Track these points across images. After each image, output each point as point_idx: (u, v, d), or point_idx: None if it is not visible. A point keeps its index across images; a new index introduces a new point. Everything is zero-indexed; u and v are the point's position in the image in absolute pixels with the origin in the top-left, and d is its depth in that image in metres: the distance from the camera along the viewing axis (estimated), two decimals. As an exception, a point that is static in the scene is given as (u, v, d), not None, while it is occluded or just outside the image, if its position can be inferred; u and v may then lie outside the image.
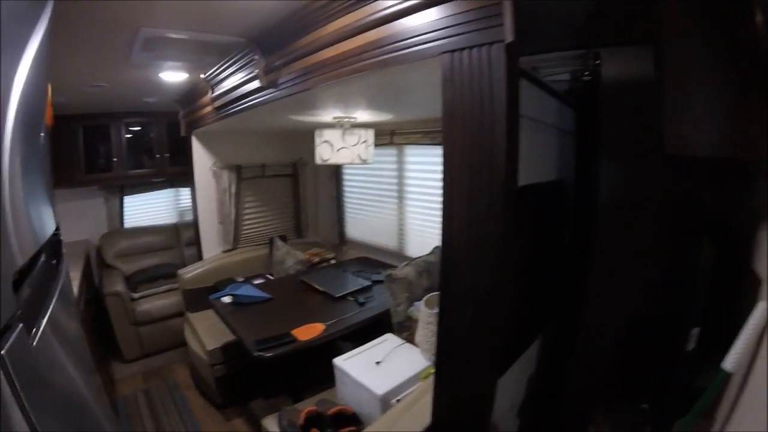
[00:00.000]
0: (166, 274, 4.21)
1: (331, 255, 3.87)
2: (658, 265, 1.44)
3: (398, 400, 1.84)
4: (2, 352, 0.57)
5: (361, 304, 2.67)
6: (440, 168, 1.18)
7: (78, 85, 2.92)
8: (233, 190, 3.76)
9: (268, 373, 3.15)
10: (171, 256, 4.71)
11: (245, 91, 2.17)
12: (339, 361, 2.12)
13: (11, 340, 0.61)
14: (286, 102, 1.97)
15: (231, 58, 2.10)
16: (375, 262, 3.46)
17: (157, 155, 4.45)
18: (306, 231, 4.30)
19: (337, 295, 2.77)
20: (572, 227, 1.76)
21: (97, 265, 4.71)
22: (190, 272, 3.67)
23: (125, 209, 4.83)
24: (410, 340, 2.32)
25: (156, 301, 4.02)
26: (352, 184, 3.87)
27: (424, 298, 2.16)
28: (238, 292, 2.78)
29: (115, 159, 4.30)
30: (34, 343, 0.73)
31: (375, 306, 2.65)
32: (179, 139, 4.14)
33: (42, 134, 0.94)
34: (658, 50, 1.13)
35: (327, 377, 2.17)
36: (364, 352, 2.21)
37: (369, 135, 2.71)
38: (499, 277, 1.14)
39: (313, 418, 1.93)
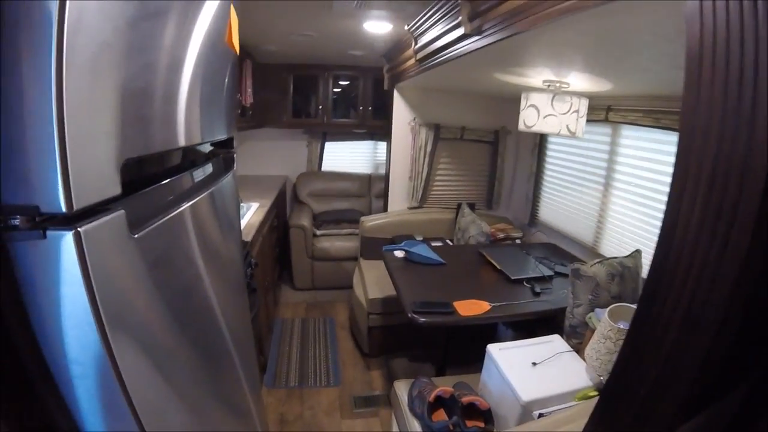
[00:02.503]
0: (350, 219, 4.46)
1: (518, 234, 3.60)
2: None
3: (541, 415, 1.57)
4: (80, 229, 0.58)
5: (536, 294, 2.38)
6: (658, 157, 0.86)
7: (286, 34, 3.16)
8: (429, 148, 3.72)
9: (420, 337, 3.11)
10: (359, 203, 4.99)
11: (448, 41, 2.03)
12: (493, 348, 1.92)
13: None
14: (491, 53, 1.77)
15: (435, 5, 1.96)
16: (562, 252, 3.09)
17: (361, 107, 4.68)
18: (496, 204, 4.09)
19: (513, 278, 2.52)
20: None
21: (291, 200, 5.24)
22: (372, 221, 3.81)
23: (325, 154, 5.24)
24: (579, 349, 2.00)
25: (336, 242, 4.30)
26: (554, 162, 3.48)
27: (610, 307, 1.81)
28: (412, 249, 2.73)
29: (320, 107, 4.66)
30: (153, 227, 0.78)
31: (551, 300, 2.34)
32: (383, 94, 4.24)
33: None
34: None
35: (476, 359, 1.99)
36: (522, 348, 1.96)
37: (582, 105, 2.35)
38: (731, 298, 0.80)
39: (443, 400, 1.78)
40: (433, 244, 3.47)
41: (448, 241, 3.64)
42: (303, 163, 5.23)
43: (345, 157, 5.36)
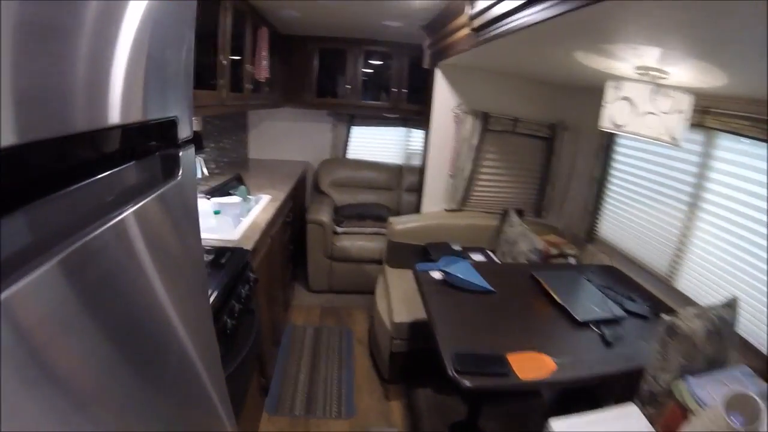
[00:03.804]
0: (376, 215, 3.98)
1: (573, 251, 3.05)
2: None
3: None
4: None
5: (608, 344, 1.86)
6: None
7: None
8: (475, 141, 3.17)
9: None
10: (387, 197, 4.49)
11: (515, 5, 1.51)
12: (559, 426, 1.43)
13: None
14: (575, 23, 1.26)
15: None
16: (628, 281, 2.55)
17: (394, 89, 4.14)
18: (546, 211, 3.52)
19: (580, 319, 1.99)
20: None
21: (311, 189, 4.78)
22: (402, 223, 3.29)
23: (351, 139, 4.73)
24: (655, 421, 1.56)
25: (358, 241, 3.83)
26: (624, 169, 2.89)
27: (727, 395, 1.31)
28: (453, 270, 2.21)
29: (348, 86, 4.13)
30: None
31: (626, 355, 1.81)
32: (420, 76, 3.79)
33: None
34: None
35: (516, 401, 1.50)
36: (591, 421, 1.48)
37: (686, 103, 1.79)
38: None
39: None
40: (475, 256, 2.97)
41: (490, 252, 3.13)
42: (327, 148, 4.75)
43: (374, 144, 4.84)
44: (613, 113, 1.85)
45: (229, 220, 2.42)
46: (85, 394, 0.56)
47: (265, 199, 2.93)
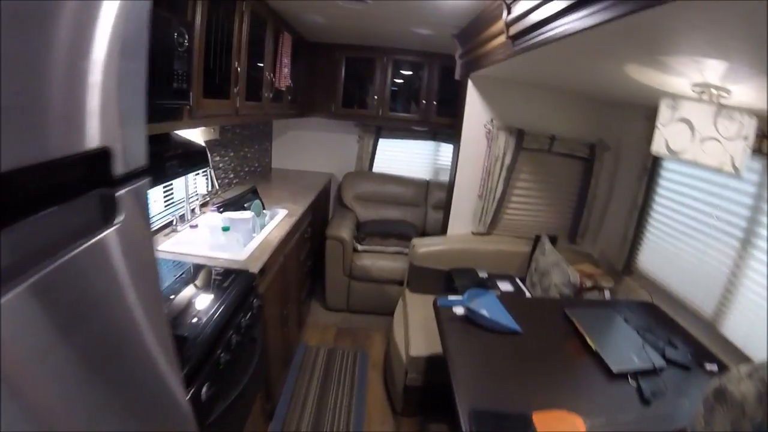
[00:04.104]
0: (400, 233, 3.79)
1: (608, 284, 2.79)
2: None
3: None
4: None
5: (646, 402, 1.61)
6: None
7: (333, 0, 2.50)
8: (507, 160, 2.94)
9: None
10: (413, 214, 4.30)
11: (558, 9, 1.31)
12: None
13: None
14: (624, 29, 1.07)
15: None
16: (668, 321, 2.28)
17: (424, 101, 3.96)
18: (581, 237, 3.25)
19: (615, 371, 1.74)
20: None
21: (334, 202, 4.64)
22: (425, 246, 3.06)
23: (377, 152, 4.57)
24: None
25: (379, 261, 3.64)
26: (670, 196, 2.61)
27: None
28: (478, 306, 1.98)
29: (376, 96, 3.97)
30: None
31: (665, 414, 1.56)
32: (451, 87, 3.58)
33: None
34: None
35: None
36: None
37: (752, 128, 1.55)
38: None
39: None
40: (502, 285, 2.75)
41: (519, 281, 2.89)
42: (352, 160, 4.59)
43: (401, 157, 4.66)
44: (669, 137, 1.62)
45: (239, 237, 2.27)
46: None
47: (281, 214, 2.78)
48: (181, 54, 1.66)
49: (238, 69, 2.16)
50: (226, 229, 2.20)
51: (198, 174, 2.86)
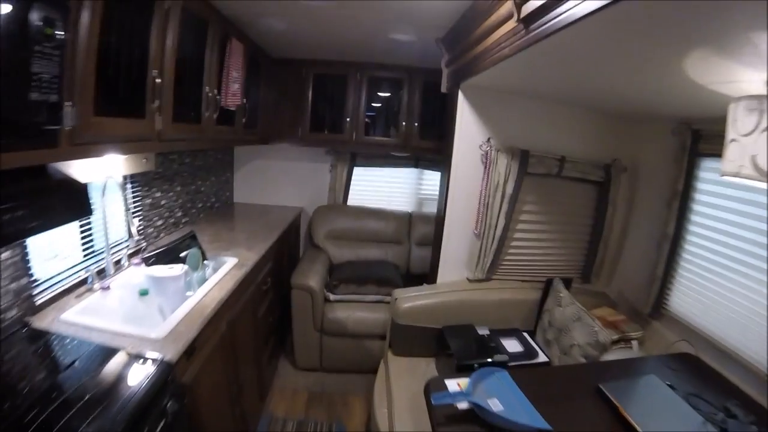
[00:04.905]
0: (379, 277, 3.22)
1: (637, 333, 2.26)
2: None
3: None
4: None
5: None
6: None
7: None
8: (509, 189, 2.40)
9: None
10: (395, 252, 3.75)
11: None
12: None
13: None
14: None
15: None
16: (717, 377, 1.77)
17: (404, 122, 3.45)
18: (596, 276, 2.72)
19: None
20: None
21: (305, 240, 4.08)
22: (410, 300, 2.45)
23: (352, 182, 4.04)
24: None
25: (356, 312, 3.07)
26: (705, 224, 2.13)
27: None
28: (485, 397, 1.42)
29: (349, 119, 3.46)
30: None
31: None
32: (435, 107, 3.32)
33: None
34: None
35: None
36: None
37: None
38: None
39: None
40: (506, 343, 2.23)
41: (526, 335, 2.35)
42: (324, 192, 4.05)
43: (379, 188, 4.14)
44: (755, 152, 1.13)
45: (162, 304, 1.71)
46: None
47: (228, 263, 2.21)
48: (49, 51, 1.13)
49: (157, 80, 1.63)
50: (143, 293, 1.63)
51: (129, 210, 2.29)
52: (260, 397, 2.70)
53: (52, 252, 1.72)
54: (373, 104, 3.52)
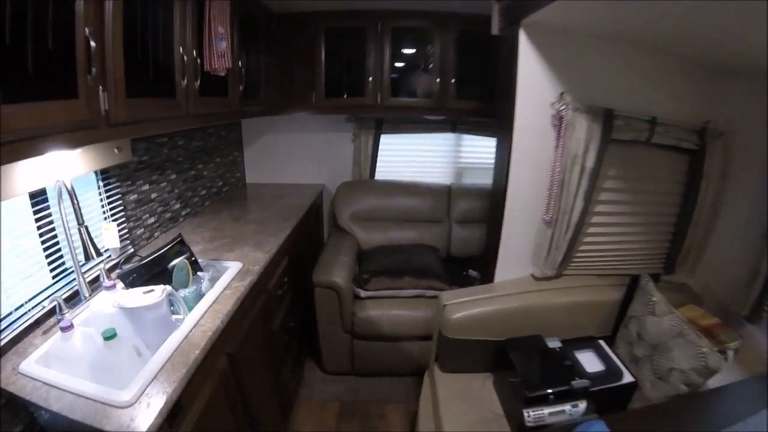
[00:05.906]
0: (418, 268, 2.77)
1: (734, 342, 1.75)
2: None
3: None
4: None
5: None
6: None
7: None
8: (590, 161, 1.81)
9: None
10: (433, 234, 3.26)
11: None
12: None
13: None
14: None
15: None
16: None
17: (438, 80, 2.90)
18: (681, 264, 2.16)
19: None
20: None
21: (329, 224, 3.64)
22: (462, 308, 1.92)
23: (380, 153, 3.53)
24: None
25: (391, 309, 2.63)
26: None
27: None
28: None
29: (370, 78, 2.92)
30: None
31: None
32: (474, 59, 2.83)
33: None
34: None
35: None
36: None
37: None
38: None
39: None
40: (581, 357, 1.78)
41: (603, 344, 1.87)
42: (348, 166, 3.57)
43: (410, 158, 3.63)
44: None
45: (139, 343, 1.30)
46: None
47: (230, 272, 1.78)
48: None
49: (92, 42, 1.15)
50: (108, 336, 1.21)
51: (107, 216, 1.88)
52: (283, 414, 2.33)
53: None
54: (397, 62, 2.98)
